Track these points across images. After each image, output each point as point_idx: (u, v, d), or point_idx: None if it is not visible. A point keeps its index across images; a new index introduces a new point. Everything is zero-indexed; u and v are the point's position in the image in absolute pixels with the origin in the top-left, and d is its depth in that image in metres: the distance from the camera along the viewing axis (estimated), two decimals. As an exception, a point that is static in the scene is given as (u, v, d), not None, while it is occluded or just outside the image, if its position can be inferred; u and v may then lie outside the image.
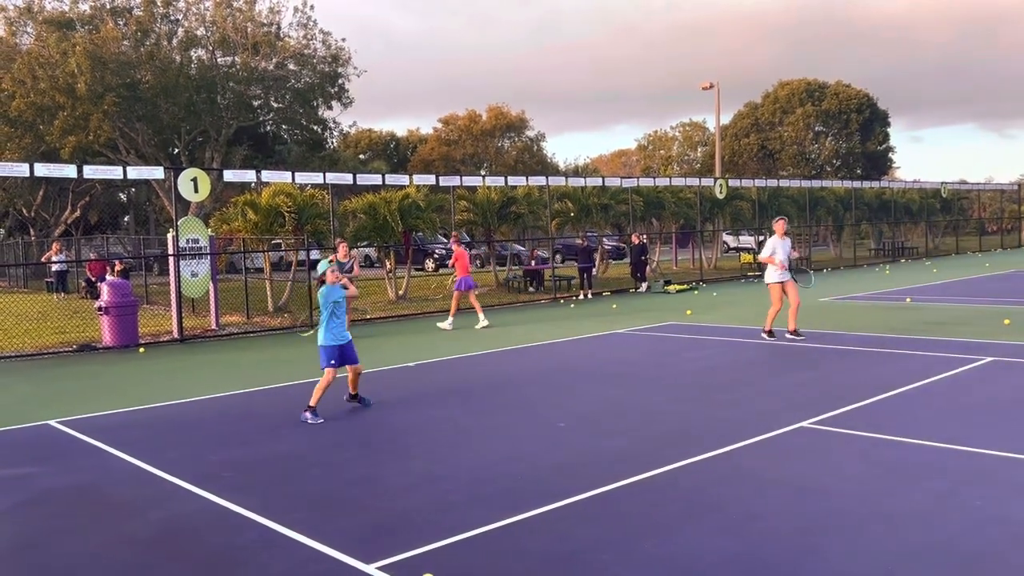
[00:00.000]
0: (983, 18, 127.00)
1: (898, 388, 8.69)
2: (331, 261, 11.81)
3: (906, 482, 5.75)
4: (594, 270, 24.73)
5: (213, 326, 16.70)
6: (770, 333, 12.57)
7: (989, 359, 10.23)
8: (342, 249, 13.88)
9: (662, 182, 28.62)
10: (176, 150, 36.10)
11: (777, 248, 12.54)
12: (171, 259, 15.94)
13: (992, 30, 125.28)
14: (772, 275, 12.63)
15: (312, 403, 8.22)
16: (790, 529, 4.97)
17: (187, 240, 16.20)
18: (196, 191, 16.01)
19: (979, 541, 4.71)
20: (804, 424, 7.36)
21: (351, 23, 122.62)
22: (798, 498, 5.54)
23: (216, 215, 21.37)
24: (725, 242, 39.34)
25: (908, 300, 17.81)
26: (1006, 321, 13.32)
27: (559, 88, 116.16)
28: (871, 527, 4.95)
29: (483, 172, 49.92)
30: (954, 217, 42.71)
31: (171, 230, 16.29)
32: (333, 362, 8.32)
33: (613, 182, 26.64)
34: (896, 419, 7.49)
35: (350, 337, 8.57)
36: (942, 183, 40.19)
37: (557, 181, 25.70)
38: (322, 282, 8.60)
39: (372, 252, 34.12)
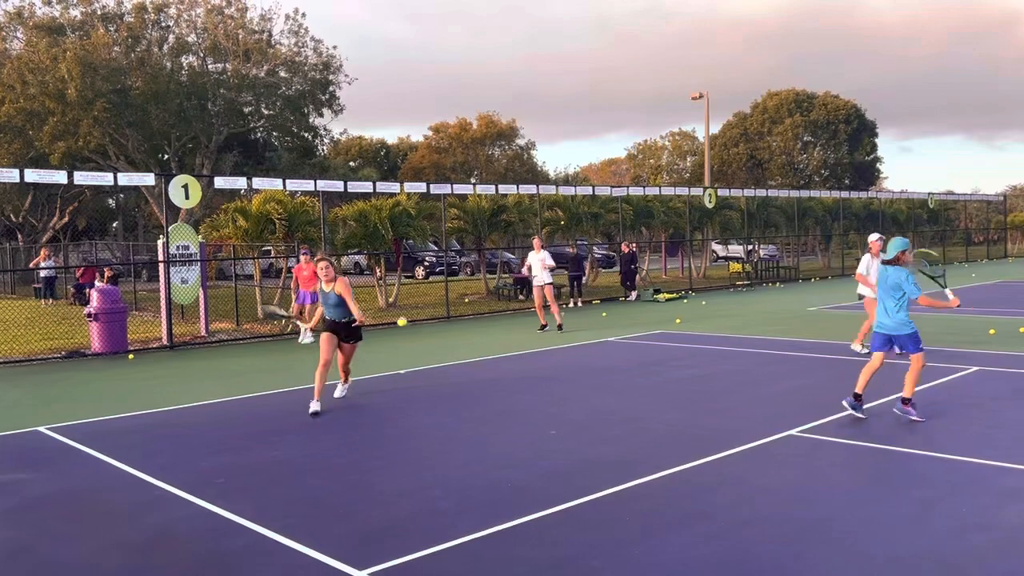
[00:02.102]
0: (973, 29, 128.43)
1: (885, 397, 8.77)
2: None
3: (893, 490, 5.82)
4: (584, 278, 24.81)
5: (203, 333, 16.67)
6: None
7: (975, 369, 10.34)
8: (324, 271, 9.18)
9: (652, 191, 28.77)
10: (166, 156, 36.05)
11: (871, 268, 11.96)
12: (161, 266, 15.91)
13: (982, 42, 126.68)
14: (866, 291, 12.20)
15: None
16: (778, 536, 5.03)
17: (177, 247, 16.18)
18: (187, 198, 16.00)
19: (965, 548, 4.78)
20: (792, 432, 7.43)
21: (343, 30, 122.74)
22: (786, 506, 5.59)
23: (206, 222, 21.34)
24: (714, 251, 39.54)
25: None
26: (991, 331, 13.46)
27: (550, 97, 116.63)
28: (858, 535, 5.01)
29: (473, 180, 50.00)
30: (941, 227, 43.08)
31: (161, 237, 16.27)
32: None
33: (603, 191, 26.76)
34: (883, 428, 7.57)
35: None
36: (929, 194, 40.55)
37: (547, 190, 25.80)
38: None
39: (362, 259, 34.13)
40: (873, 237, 12.22)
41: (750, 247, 34.59)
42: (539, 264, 15.98)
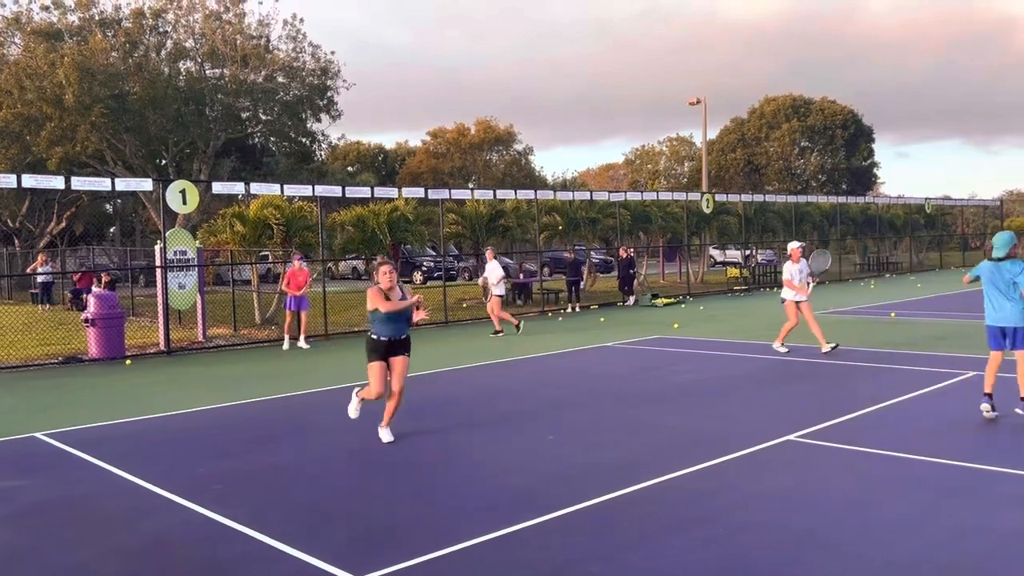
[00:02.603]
0: (971, 35, 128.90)
1: (882, 402, 8.78)
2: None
3: (890, 495, 5.82)
4: (582, 283, 24.82)
5: (200, 338, 16.65)
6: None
7: (972, 374, 10.35)
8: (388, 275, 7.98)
9: (649, 196, 28.80)
10: (164, 162, 36.01)
11: (794, 272, 12.67)
12: (159, 271, 15.90)
13: (980, 47, 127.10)
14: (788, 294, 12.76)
15: None
16: (775, 541, 5.03)
17: (175, 252, 16.16)
18: (184, 203, 16.00)
19: (962, 552, 4.78)
20: (790, 437, 7.43)
21: (341, 35, 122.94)
22: (784, 511, 5.59)
23: (204, 227, 21.33)
24: (712, 256, 39.57)
25: (892, 315, 17.97)
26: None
27: (548, 102, 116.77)
28: (856, 539, 5.01)
29: (471, 185, 50.02)
30: (938, 232, 43.15)
31: (159, 242, 16.26)
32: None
33: (601, 196, 26.79)
34: (880, 433, 7.57)
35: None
36: (926, 199, 40.63)
37: (545, 195, 25.82)
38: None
39: (360, 264, 34.13)
40: (794, 245, 12.95)
41: (747, 252, 34.63)
42: (495, 275, 16.83)
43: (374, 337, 7.81)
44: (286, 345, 15.60)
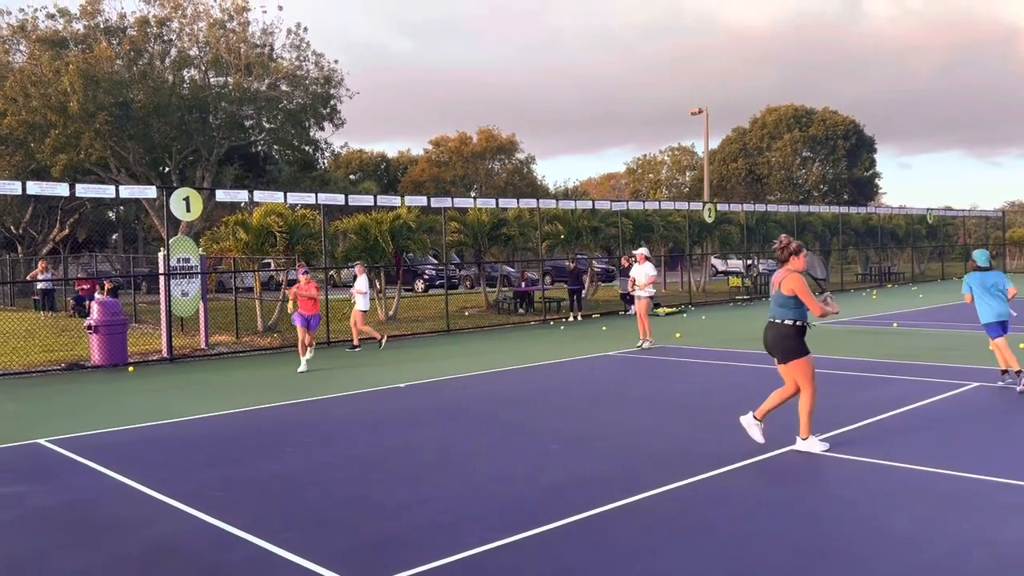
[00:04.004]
0: (973, 46, 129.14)
1: (886, 412, 8.77)
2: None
3: (895, 505, 5.81)
4: (584, 292, 24.83)
5: (203, 345, 16.67)
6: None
7: (975, 384, 10.34)
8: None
9: (651, 206, 28.84)
10: (167, 169, 36.13)
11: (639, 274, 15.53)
12: (162, 278, 15.93)
13: (982, 58, 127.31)
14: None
15: None
16: (780, 551, 5.02)
17: (178, 259, 16.20)
18: (188, 210, 16.04)
19: (967, 564, 4.77)
20: (793, 448, 7.42)
21: (345, 44, 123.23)
22: (787, 520, 5.59)
23: (207, 234, 21.37)
24: (713, 266, 39.57)
25: (895, 325, 17.96)
26: (991, 347, 13.44)
27: (550, 111, 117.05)
28: (860, 550, 5.00)
29: (473, 194, 50.09)
30: (940, 243, 43.15)
31: (162, 249, 16.29)
32: None
33: (603, 205, 26.83)
34: (884, 443, 7.56)
35: None
36: (928, 209, 40.65)
37: (547, 204, 25.86)
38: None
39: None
40: (641, 250, 15.90)
41: (749, 262, 34.64)
42: (360, 289, 16.38)
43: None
44: (303, 367, 13.47)
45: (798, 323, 7.18)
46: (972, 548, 4.99)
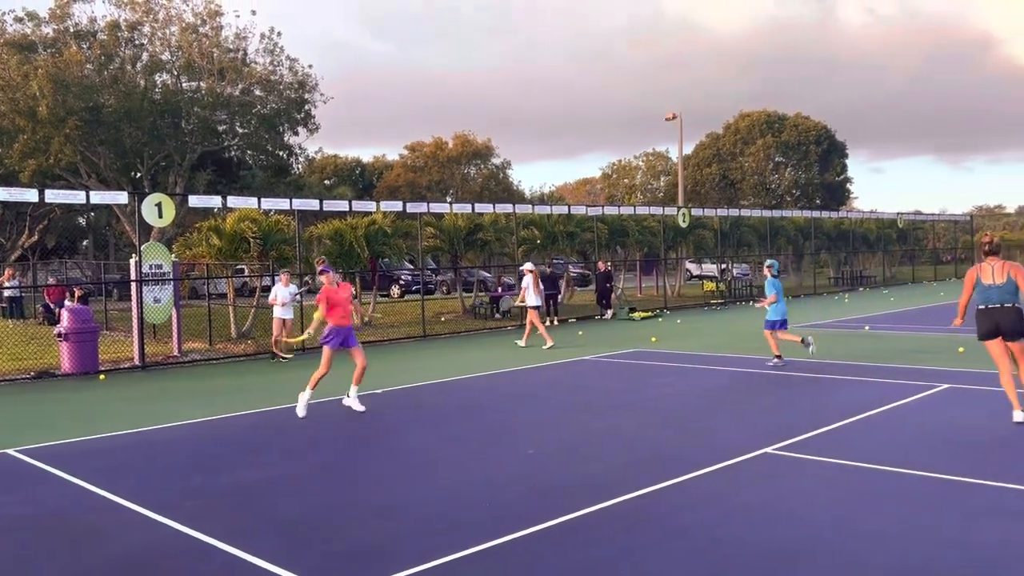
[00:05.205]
0: (945, 53, 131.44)
1: (858, 415, 8.87)
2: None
3: (867, 507, 5.88)
4: (560, 297, 24.87)
5: (175, 352, 16.48)
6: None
7: (945, 386, 10.49)
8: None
9: (627, 211, 28.99)
10: (139, 175, 35.70)
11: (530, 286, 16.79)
12: (134, 285, 15.73)
13: (953, 65, 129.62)
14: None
15: None
16: (755, 554, 5.06)
17: (150, 266, 16.01)
18: (160, 216, 15.87)
19: (938, 564, 4.83)
20: (768, 450, 7.49)
21: (320, 49, 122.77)
22: (763, 522, 5.63)
23: (179, 240, 21.15)
24: (688, 270, 39.84)
25: (867, 328, 18.19)
26: (960, 350, 13.67)
27: (526, 116, 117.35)
28: (833, 552, 5.05)
29: (449, 199, 50.04)
30: (910, 247, 43.77)
31: (134, 256, 16.10)
32: None
33: (579, 210, 26.92)
34: (857, 445, 7.65)
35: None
36: (898, 214, 41.24)
37: (523, 208, 25.89)
38: None
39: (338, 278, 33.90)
40: (527, 265, 17.40)
41: (723, 266, 34.91)
42: (281, 298, 15.78)
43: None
44: (355, 404, 9.87)
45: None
46: (943, 549, 5.06)
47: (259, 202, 18.89)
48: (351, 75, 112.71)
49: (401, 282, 34.60)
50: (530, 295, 16.85)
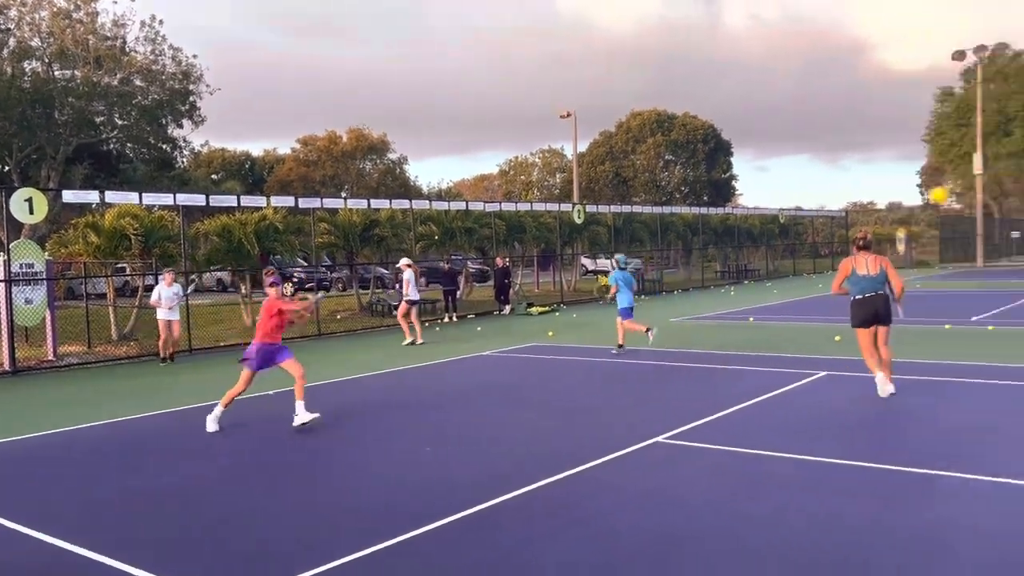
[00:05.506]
0: (824, 57, 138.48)
1: (743, 403, 9.25)
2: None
3: (752, 491, 6.13)
4: (459, 293, 24.86)
5: (50, 356, 15.56)
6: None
7: (823, 373, 11.07)
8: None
9: (523, 207, 29.24)
10: (7, 168, 33.50)
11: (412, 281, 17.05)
12: (2, 285, 14.75)
13: (831, 68, 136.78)
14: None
15: None
16: (647, 539, 5.19)
17: (20, 265, 15.04)
18: (31, 212, 14.93)
19: (819, 541, 5.09)
20: (659, 439, 7.70)
21: (205, 39, 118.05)
22: (655, 509, 5.79)
23: (53, 238, 19.98)
24: (583, 265, 40.56)
25: (751, 320, 18.98)
26: (837, 338, 14.45)
27: (423, 112, 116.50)
28: (719, 535, 5.25)
29: (344, 194, 49.18)
30: (791, 241, 45.96)
31: (1, 254, 15.09)
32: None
33: (476, 206, 26.96)
34: (742, 432, 7.97)
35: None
36: (780, 210, 43.21)
37: (421, 204, 25.73)
38: None
39: (226, 276, 32.86)
40: (404, 261, 17.69)
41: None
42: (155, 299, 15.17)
43: None
44: (304, 418, 8.75)
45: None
46: (823, 526, 5.34)
47: (140, 197, 18.04)
48: (239, 66, 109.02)
49: (294, 280, 33.74)
50: (413, 290, 17.13)
